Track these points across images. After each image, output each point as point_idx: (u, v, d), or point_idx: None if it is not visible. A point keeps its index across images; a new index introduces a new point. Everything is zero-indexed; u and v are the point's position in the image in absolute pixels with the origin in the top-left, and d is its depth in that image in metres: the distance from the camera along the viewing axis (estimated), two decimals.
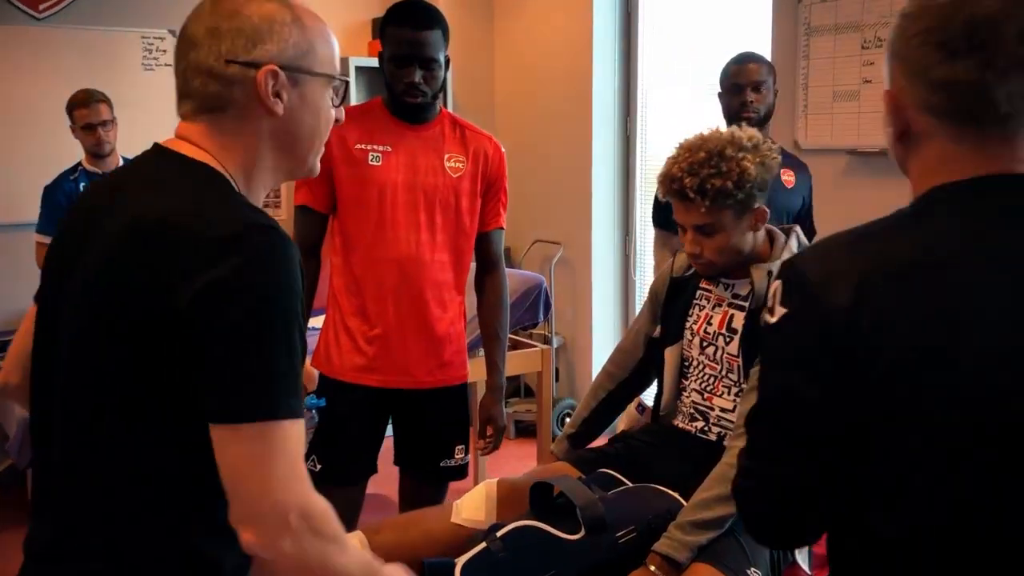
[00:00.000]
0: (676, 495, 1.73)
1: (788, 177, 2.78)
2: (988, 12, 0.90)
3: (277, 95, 1.10)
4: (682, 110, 4.24)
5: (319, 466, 2.14)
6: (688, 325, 1.95)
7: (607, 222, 4.55)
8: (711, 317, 1.90)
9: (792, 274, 0.99)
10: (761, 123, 2.72)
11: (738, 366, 1.84)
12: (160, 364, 1.01)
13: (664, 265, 2.54)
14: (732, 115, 2.72)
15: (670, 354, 1.98)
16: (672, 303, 2.00)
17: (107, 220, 1.06)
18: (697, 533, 1.63)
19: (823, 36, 3.37)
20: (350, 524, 1.60)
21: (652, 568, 1.61)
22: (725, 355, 1.86)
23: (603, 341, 4.60)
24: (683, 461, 1.84)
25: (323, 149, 1.21)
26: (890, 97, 1.00)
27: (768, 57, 3.49)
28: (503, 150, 2.29)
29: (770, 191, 2.65)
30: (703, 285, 1.94)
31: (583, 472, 1.88)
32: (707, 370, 1.90)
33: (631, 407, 2.27)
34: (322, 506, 1.04)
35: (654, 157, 4.41)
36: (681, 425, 1.94)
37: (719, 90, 2.78)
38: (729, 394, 1.86)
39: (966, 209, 0.94)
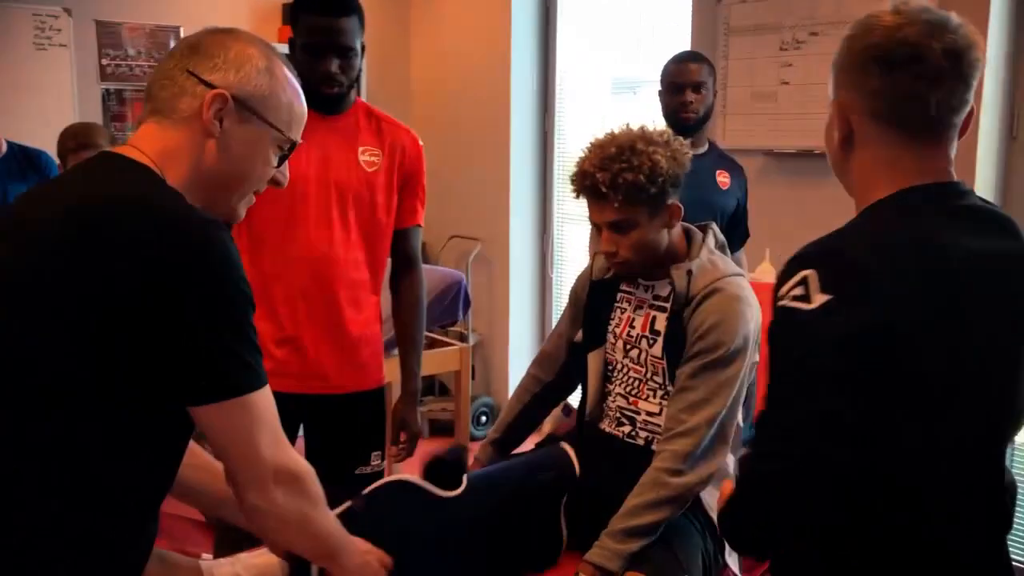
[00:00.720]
0: (571, 453, 1.70)
1: (723, 179, 2.77)
2: (918, 33, 1.08)
3: (220, 120, 1.15)
4: (600, 107, 4.23)
5: None
6: (610, 329, 1.91)
7: (525, 218, 4.50)
8: (633, 320, 1.87)
9: (833, 259, 1.05)
10: (700, 123, 2.71)
11: (663, 368, 1.81)
12: (104, 350, 1.02)
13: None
14: (671, 114, 2.70)
15: (593, 359, 1.94)
16: (593, 306, 1.96)
17: (38, 209, 1.10)
18: (628, 541, 1.60)
19: (742, 37, 3.38)
20: (258, 539, 1.51)
21: None
22: (649, 357, 1.83)
23: (520, 338, 4.56)
24: (612, 466, 1.80)
25: (252, 200, 1.24)
26: (837, 105, 1.15)
27: None
28: (421, 144, 2.20)
29: (705, 192, 2.67)
30: (624, 287, 1.91)
31: None
32: (631, 373, 1.87)
33: (556, 409, 2.22)
34: (305, 468, 1.17)
35: (572, 154, 4.39)
36: (608, 429, 1.90)
37: (659, 88, 2.75)
38: (655, 397, 1.83)
39: (941, 211, 1.10)
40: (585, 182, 1.74)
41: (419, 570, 1.49)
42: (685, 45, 3.56)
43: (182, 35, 4.24)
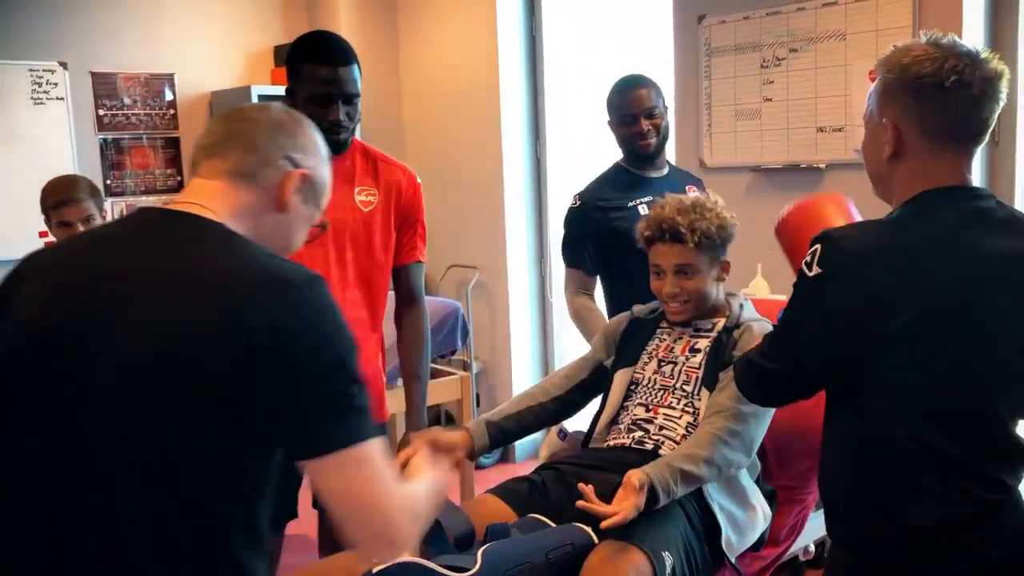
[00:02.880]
0: (589, 530, 1.72)
1: (694, 193, 2.80)
2: (961, 64, 1.33)
3: (293, 196, 1.24)
4: (589, 132, 4.29)
5: None
6: (647, 351, 2.07)
7: (521, 244, 4.55)
8: (672, 346, 2.04)
9: (833, 245, 1.34)
10: (660, 147, 2.70)
11: (696, 377, 1.96)
12: (235, 403, 1.06)
13: (580, 303, 2.60)
14: (630, 145, 2.65)
15: (620, 376, 2.07)
16: (631, 335, 2.13)
17: (148, 281, 1.11)
18: (683, 486, 1.72)
19: (724, 56, 3.45)
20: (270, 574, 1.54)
21: (637, 486, 1.66)
22: (685, 368, 1.99)
23: (522, 364, 4.59)
24: (613, 471, 1.86)
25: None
26: (891, 125, 1.37)
27: (670, 78, 3.56)
28: (419, 181, 2.24)
29: None
30: (663, 324, 2.10)
31: (513, 506, 1.86)
32: (659, 383, 2.01)
33: (552, 434, 2.25)
34: (412, 494, 1.19)
35: (565, 179, 4.44)
36: (615, 441, 1.99)
37: (608, 119, 2.68)
38: (677, 404, 1.96)
39: (948, 210, 1.35)
40: (663, 225, 1.99)
41: None
42: (668, 66, 3.62)
43: (176, 83, 4.32)
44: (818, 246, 1.35)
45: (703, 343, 2.01)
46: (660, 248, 2.01)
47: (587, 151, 4.28)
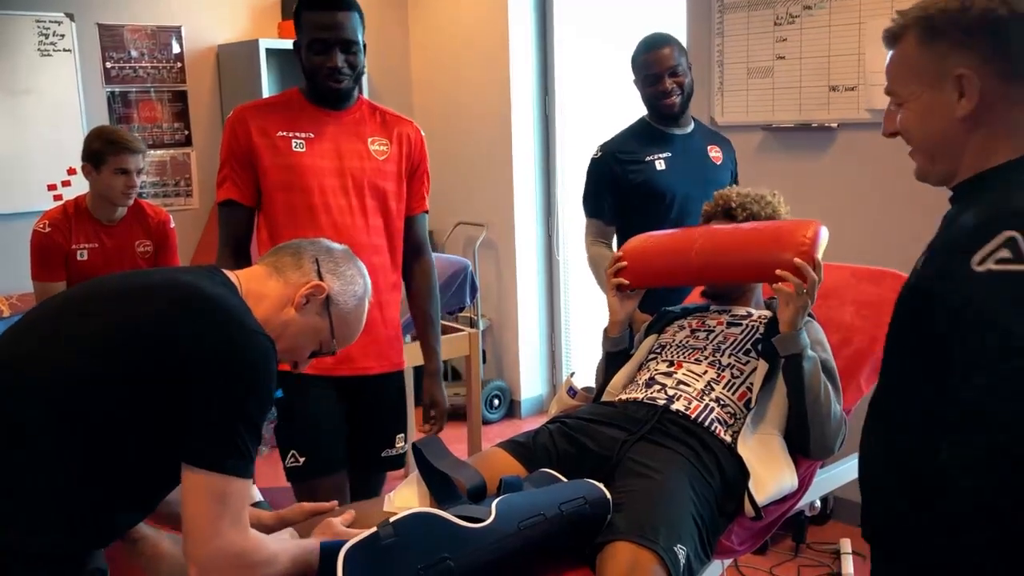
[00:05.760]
0: (601, 486, 1.73)
1: (716, 153, 2.80)
2: None
3: (307, 302, 1.46)
4: (600, 89, 4.25)
5: (301, 459, 2.09)
6: (680, 323, 2.18)
7: (529, 202, 4.54)
8: (706, 322, 2.15)
9: None
10: (684, 105, 2.71)
11: (734, 338, 2.06)
12: (165, 398, 1.26)
13: (596, 252, 2.63)
14: (654, 104, 2.68)
15: (647, 341, 2.16)
16: (663, 316, 2.27)
17: (138, 279, 1.40)
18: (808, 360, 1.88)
19: (736, 13, 3.41)
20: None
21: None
22: (724, 332, 2.08)
23: (530, 321, 4.61)
24: (618, 427, 1.89)
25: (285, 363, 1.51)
26: (966, 79, 1.15)
27: (683, 35, 3.53)
28: (423, 133, 2.28)
29: (702, 169, 2.74)
30: (696, 314, 2.23)
31: (521, 460, 1.87)
32: (689, 342, 2.09)
33: (562, 391, 2.27)
34: (252, 543, 1.30)
35: (574, 134, 4.42)
36: (628, 396, 2.01)
37: (634, 79, 2.70)
38: (703, 360, 2.03)
39: None
40: (720, 203, 2.21)
41: None
42: (680, 23, 3.58)
43: (183, 35, 4.29)
44: (1012, 232, 1.04)
45: (744, 322, 2.11)
46: (714, 224, 2.17)
47: (597, 109, 4.25)
